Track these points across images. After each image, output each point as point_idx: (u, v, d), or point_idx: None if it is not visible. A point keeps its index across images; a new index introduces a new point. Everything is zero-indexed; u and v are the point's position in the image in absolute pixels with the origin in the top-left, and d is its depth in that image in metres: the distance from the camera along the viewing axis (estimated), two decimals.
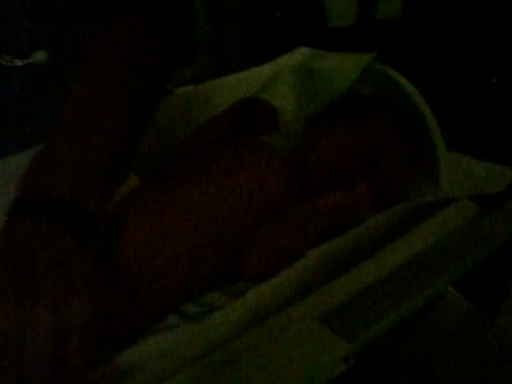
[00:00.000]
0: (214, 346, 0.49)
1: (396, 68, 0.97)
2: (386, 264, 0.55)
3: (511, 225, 0.67)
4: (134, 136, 0.59)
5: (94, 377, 0.46)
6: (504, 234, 0.66)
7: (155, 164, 0.69)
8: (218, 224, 0.59)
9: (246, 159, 0.65)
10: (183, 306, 0.59)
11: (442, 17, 0.99)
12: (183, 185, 0.61)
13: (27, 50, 0.65)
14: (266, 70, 0.79)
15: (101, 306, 0.48)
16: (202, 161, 0.65)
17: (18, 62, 0.64)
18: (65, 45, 0.66)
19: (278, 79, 0.80)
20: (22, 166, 0.54)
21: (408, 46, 1.00)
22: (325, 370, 0.45)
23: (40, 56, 0.66)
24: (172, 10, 0.62)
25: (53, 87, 0.67)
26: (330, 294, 0.52)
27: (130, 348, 0.50)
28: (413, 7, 0.98)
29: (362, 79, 0.77)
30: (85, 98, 0.56)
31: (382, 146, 0.66)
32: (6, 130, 0.69)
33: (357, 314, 0.50)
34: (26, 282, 0.45)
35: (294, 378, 0.45)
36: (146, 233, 0.57)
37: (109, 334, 0.49)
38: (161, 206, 0.59)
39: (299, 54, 0.80)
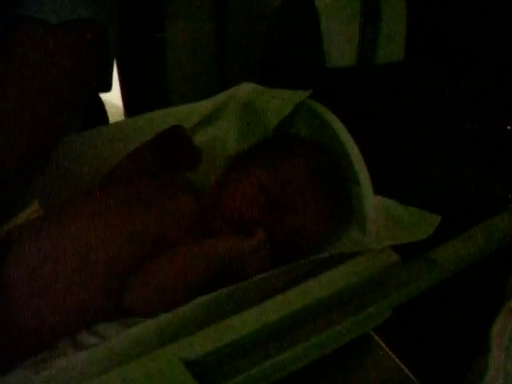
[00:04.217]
0: None
1: (392, 111, 0.96)
2: (273, 312, 0.54)
3: (428, 275, 0.65)
4: (33, 160, 0.59)
5: None
6: (420, 284, 0.65)
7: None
8: (108, 256, 0.59)
9: (154, 193, 0.64)
10: (79, 334, 0.59)
11: (444, 61, 0.98)
12: (80, 215, 0.61)
13: None
14: (207, 105, 0.79)
15: None
16: (110, 192, 0.65)
17: None
18: None
19: (222, 113, 0.80)
20: None
21: (407, 90, 0.98)
22: None
23: None
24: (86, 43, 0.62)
25: None
26: (203, 338, 0.51)
27: None
28: (415, 52, 0.96)
29: (299, 118, 0.77)
30: None
31: (295, 190, 0.65)
32: None
33: (222, 362, 0.50)
34: None
35: None
36: (30, 260, 0.57)
37: None
38: (52, 236, 0.59)
39: (243, 90, 0.80)
